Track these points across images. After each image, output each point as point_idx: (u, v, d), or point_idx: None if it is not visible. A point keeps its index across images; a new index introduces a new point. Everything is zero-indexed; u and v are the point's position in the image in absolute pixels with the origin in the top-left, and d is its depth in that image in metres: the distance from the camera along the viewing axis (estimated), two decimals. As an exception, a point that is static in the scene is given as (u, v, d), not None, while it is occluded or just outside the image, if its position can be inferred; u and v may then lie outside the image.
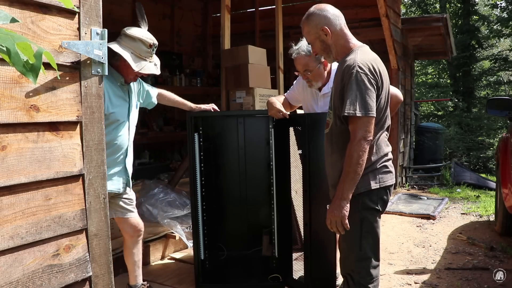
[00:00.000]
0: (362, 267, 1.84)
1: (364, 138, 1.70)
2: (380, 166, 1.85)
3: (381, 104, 1.82)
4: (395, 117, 6.28)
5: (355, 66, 1.74)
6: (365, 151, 1.72)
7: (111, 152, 2.24)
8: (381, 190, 1.85)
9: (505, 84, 14.75)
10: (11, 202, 1.25)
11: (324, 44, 1.89)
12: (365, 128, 1.71)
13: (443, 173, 7.11)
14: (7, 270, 1.24)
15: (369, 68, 1.75)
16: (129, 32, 2.24)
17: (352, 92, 1.71)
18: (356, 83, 1.72)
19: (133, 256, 2.50)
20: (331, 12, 1.87)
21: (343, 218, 1.74)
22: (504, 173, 3.54)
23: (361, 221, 1.83)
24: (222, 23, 3.75)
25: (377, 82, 1.77)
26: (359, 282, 1.85)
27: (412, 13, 16.01)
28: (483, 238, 3.85)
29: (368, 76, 1.73)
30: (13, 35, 0.86)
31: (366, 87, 1.72)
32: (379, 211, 1.87)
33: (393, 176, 1.93)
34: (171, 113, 6.61)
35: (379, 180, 1.84)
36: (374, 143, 1.82)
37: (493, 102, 3.75)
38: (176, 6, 6.59)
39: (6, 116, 1.23)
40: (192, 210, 2.73)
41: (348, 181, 1.73)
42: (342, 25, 1.89)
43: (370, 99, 1.72)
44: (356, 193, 1.79)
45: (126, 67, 2.27)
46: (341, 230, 1.77)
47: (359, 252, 1.85)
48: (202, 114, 2.74)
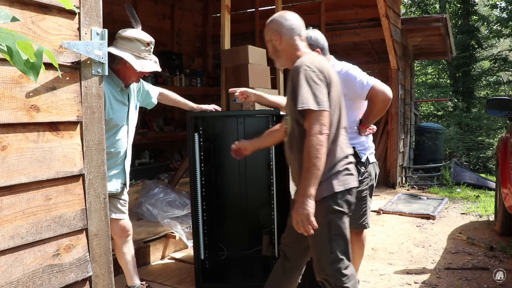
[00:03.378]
0: (336, 269, 1.86)
1: (320, 132, 1.72)
2: (343, 169, 1.88)
3: (333, 102, 1.84)
4: (394, 117, 6.28)
5: (302, 66, 1.80)
6: (323, 145, 1.72)
7: (110, 156, 2.25)
8: (345, 192, 1.87)
9: (504, 84, 14.77)
10: (11, 202, 1.26)
11: (274, 48, 1.98)
12: (320, 122, 1.73)
13: (443, 173, 7.11)
14: (7, 270, 1.24)
15: (316, 66, 1.81)
16: (124, 34, 2.24)
17: (302, 88, 1.76)
18: (305, 80, 1.77)
19: (125, 256, 2.49)
20: (288, 22, 1.95)
21: (308, 215, 1.72)
22: (503, 173, 3.55)
23: (328, 224, 1.85)
24: (222, 23, 3.76)
25: (326, 79, 1.81)
26: (336, 284, 1.87)
27: (412, 13, 16.01)
28: (482, 238, 3.85)
29: (315, 72, 1.78)
30: (13, 34, 0.86)
31: (315, 82, 1.77)
32: (345, 213, 1.89)
33: (356, 179, 1.95)
34: (171, 113, 6.61)
35: (342, 183, 1.86)
36: (334, 143, 1.86)
37: (493, 102, 3.76)
38: (176, 6, 6.60)
39: (6, 116, 1.23)
40: (192, 210, 2.73)
41: (309, 177, 1.72)
42: (296, 36, 1.95)
43: (320, 93, 1.76)
44: (321, 197, 1.81)
45: (128, 69, 2.28)
46: (308, 230, 1.74)
47: (330, 255, 1.86)
48: (202, 114, 2.74)
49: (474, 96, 14.38)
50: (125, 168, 2.39)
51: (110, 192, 2.29)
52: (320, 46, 2.52)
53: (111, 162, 2.28)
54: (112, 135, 2.27)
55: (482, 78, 14.76)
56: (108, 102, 2.21)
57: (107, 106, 2.20)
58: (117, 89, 2.32)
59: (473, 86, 14.22)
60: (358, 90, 2.42)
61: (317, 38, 2.51)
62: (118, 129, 2.31)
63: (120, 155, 2.34)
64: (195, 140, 2.71)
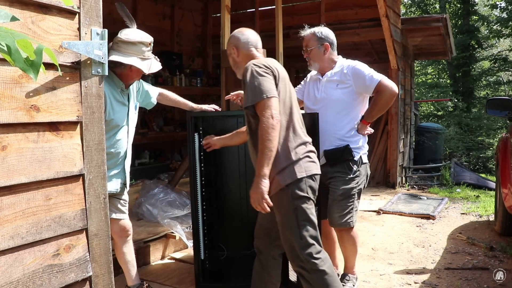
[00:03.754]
0: (308, 254, 1.93)
1: (271, 116, 1.85)
2: (304, 156, 1.99)
3: (282, 93, 1.98)
4: (394, 117, 6.28)
5: (249, 64, 1.98)
6: (274, 128, 1.85)
7: (111, 156, 2.25)
8: (308, 179, 1.98)
9: (504, 84, 14.77)
10: (11, 202, 1.26)
11: (234, 60, 2.20)
12: (269, 107, 1.86)
13: (443, 173, 7.10)
14: (7, 270, 1.24)
15: (262, 64, 1.98)
16: (126, 38, 2.20)
17: (250, 83, 1.92)
18: (252, 75, 1.93)
19: (125, 256, 2.49)
20: (245, 36, 2.16)
21: (262, 194, 1.85)
22: (503, 173, 3.54)
23: (294, 211, 1.94)
24: (222, 23, 3.75)
25: (272, 72, 1.96)
26: (312, 269, 1.93)
27: (412, 13, 16.01)
28: (483, 238, 3.85)
29: (261, 68, 1.95)
30: (13, 33, 0.86)
31: (261, 75, 1.92)
32: (310, 199, 1.98)
33: (318, 166, 2.07)
34: (171, 113, 6.61)
35: (304, 169, 1.97)
36: (288, 130, 1.98)
37: (493, 102, 3.75)
38: (176, 6, 6.59)
39: (6, 116, 1.23)
40: (192, 210, 2.73)
41: (263, 158, 1.85)
42: (252, 47, 2.15)
43: (267, 83, 1.91)
44: (285, 185, 1.93)
45: (133, 72, 2.28)
46: (264, 207, 1.87)
47: (300, 241, 1.94)
48: (202, 114, 2.74)
49: (474, 96, 14.38)
50: (125, 168, 2.39)
51: (110, 192, 2.29)
52: (329, 41, 2.60)
53: (111, 162, 2.28)
54: (112, 136, 2.27)
55: (482, 78, 14.76)
56: (109, 103, 2.21)
57: (108, 107, 2.20)
58: (118, 89, 2.31)
59: (473, 86, 14.22)
60: (367, 82, 2.49)
61: (327, 34, 2.61)
62: (119, 129, 2.31)
63: (120, 155, 2.35)
64: (195, 140, 2.71)
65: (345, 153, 2.51)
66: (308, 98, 2.72)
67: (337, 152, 2.52)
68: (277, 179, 1.95)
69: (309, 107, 2.69)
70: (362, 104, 2.60)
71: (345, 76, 2.54)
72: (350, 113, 2.56)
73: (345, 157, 2.51)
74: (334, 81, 2.56)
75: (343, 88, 2.54)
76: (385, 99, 2.50)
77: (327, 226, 2.73)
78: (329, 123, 2.53)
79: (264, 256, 2.22)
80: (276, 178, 1.95)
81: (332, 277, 1.95)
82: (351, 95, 2.54)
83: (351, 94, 2.54)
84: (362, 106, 2.61)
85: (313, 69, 2.67)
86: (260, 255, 2.23)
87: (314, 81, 2.71)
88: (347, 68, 2.56)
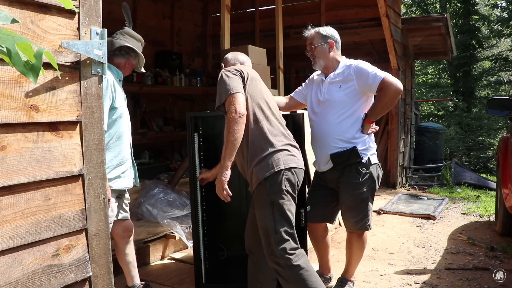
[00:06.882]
0: (282, 249, 1.94)
1: (235, 111, 1.95)
2: (282, 149, 2.03)
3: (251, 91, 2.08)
4: (395, 117, 6.28)
5: (222, 70, 2.12)
6: (238, 122, 1.94)
7: (122, 144, 2.29)
8: (286, 172, 2.00)
9: (505, 84, 14.76)
10: (10, 202, 1.25)
11: None
12: (233, 103, 1.96)
13: (443, 173, 7.10)
14: (6, 270, 1.24)
15: (233, 68, 2.13)
16: (132, 32, 2.36)
17: (219, 85, 2.05)
18: (221, 78, 2.07)
19: (127, 256, 2.49)
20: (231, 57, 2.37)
21: (222, 183, 1.98)
22: (504, 173, 3.54)
23: (271, 205, 1.96)
24: (222, 23, 3.75)
25: (241, 73, 2.09)
26: (286, 264, 1.93)
27: (412, 13, 16.00)
28: (483, 238, 3.85)
29: (230, 71, 2.09)
30: (13, 36, 0.86)
31: (228, 76, 2.05)
32: (287, 192, 1.99)
33: (298, 160, 2.09)
34: (171, 113, 6.61)
35: (282, 163, 1.99)
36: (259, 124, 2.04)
37: (494, 102, 3.75)
38: (176, 6, 6.59)
39: (5, 116, 1.23)
40: (192, 210, 2.73)
41: (226, 149, 1.96)
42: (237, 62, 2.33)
43: (233, 82, 2.03)
44: (263, 178, 1.96)
45: (128, 66, 2.39)
46: (225, 196, 2.00)
47: (275, 236, 1.96)
48: (202, 114, 2.74)
49: (474, 96, 14.36)
50: (134, 160, 2.44)
51: (123, 189, 2.34)
52: (334, 39, 2.59)
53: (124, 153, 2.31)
54: (122, 122, 2.31)
55: (482, 78, 14.74)
56: (115, 90, 2.25)
57: (116, 94, 2.25)
58: (117, 79, 2.36)
59: (473, 86, 14.20)
60: (370, 80, 2.44)
61: (332, 32, 2.61)
62: (125, 116, 2.35)
63: (129, 143, 2.38)
64: (195, 140, 2.71)
65: (352, 155, 2.43)
66: (310, 102, 2.69)
67: (344, 154, 2.44)
68: (255, 172, 1.99)
69: (312, 109, 2.64)
70: (366, 104, 2.53)
71: (348, 76, 2.49)
72: (354, 114, 2.49)
73: (353, 160, 2.44)
74: (337, 82, 2.52)
75: (346, 89, 2.48)
76: (390, 96, 2.44)
77: (319, 230, 2.71)
78: (333, 125, 2.47)
79: (255, 256, 2.22)
80: (255, 171, 1.99)
81: (308, 271, 1.94)
82: (354, 95, 2.48)
83: (354, 95, 2.48)
84: (367, 106, 2.54)
85: (317, 67, 2.62)
86: (252, 256, 2.25)
87: (317, 83, 2.66)
88: (349, 67, 2.52)
